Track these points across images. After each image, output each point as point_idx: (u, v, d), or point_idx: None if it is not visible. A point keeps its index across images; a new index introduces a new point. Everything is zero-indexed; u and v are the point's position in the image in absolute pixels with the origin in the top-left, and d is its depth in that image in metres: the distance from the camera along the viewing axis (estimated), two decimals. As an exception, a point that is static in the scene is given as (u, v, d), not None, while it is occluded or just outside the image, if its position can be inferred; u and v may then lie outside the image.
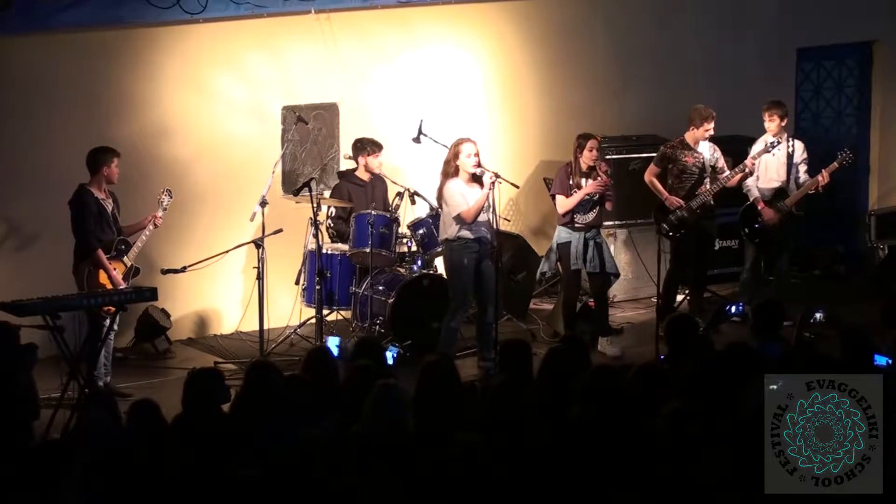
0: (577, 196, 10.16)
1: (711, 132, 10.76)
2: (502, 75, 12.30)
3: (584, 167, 10.23)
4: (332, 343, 9.87)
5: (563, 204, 10.22)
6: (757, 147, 11.01)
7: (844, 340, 7.51)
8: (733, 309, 8.52)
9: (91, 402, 6.82)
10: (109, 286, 9.29)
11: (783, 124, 10.90)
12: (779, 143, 10.80)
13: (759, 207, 10.96)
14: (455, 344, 10.03)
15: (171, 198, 9.78)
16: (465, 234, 9.81)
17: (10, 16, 9.94)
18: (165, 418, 6.57)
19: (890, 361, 6.98)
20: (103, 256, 9.35)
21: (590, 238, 10.30)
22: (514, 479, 5.79)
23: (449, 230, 9.85)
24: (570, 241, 10.28)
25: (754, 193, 10.98)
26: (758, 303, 8.63)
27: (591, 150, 10.22)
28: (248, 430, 6.46)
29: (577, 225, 10.26)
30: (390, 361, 8.73)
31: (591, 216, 10.29)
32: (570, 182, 10.22)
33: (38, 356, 8.19)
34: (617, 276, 10.67)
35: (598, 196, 10.23)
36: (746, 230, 11.11)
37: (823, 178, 10.81)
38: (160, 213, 9.65)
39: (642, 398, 6.42)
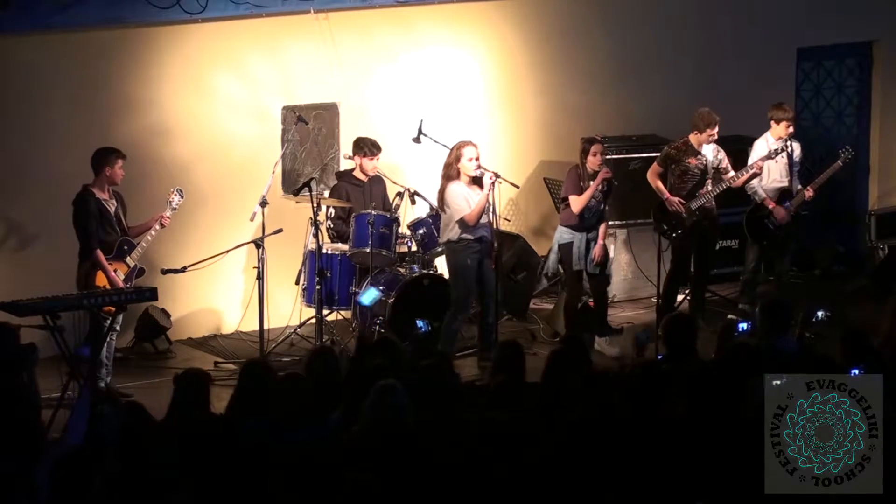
0: (588, 191, 10.17)
1: (715, 137, 10.74)
2: (502, 75, 12.30)
3: (590, 171, 10.25)
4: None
5: (577, 202, 10.21)
6: (758, 146, 11.00)
7: (844, 342, 7.52)
8: (742, 327, 8.52)
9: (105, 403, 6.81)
10: (108, 287, 9.28)
11: (790, 131, 10.91)
12: (782, 150, 10.81)
13: (771, 207, 10.94)
14: (455, 344, 10.05)
15: (182, 198, 9.74)
16: (467, 235, 9.89)
17: (10, 16, 9.94)
18: (154, 419, 6.57)
19: (861, 371, 6.94)
20: (102, 258, 9.35)
21: (591, 239, 10.32)
22: (515, 478, 5.80)
23: (451, 232, 9.92)
24: (572, 242, 10.29)
25: (761, 195, 10.97)
26: (765, 302, 8.61)
27: (594, 155, 10.24)
28: (241, 430, 6.45)
29: (584, 225, 10.27)
30: (423, 330, 9.76)
31: (596, 219, 10.33)
32: (581, 185, 10.24)
33: (39, 356, 8.18)
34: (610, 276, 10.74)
35: (605, 195, 10.27)
36: (753, 231, 11.09)
37: (809, 193, 10.92)
38: (168, 213, 9.63)
39: (640, 397, 6.43)
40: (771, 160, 10.83)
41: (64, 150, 10.31)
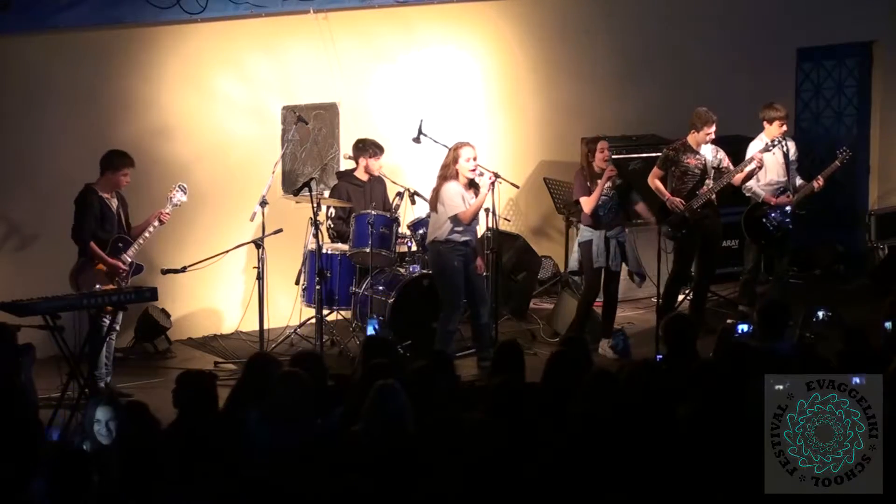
0: (596, 191, 10.18)
1: (713, 136, 10.74)
2: (502, 75, 12.30)
3: (597, 170, 10.25)
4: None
5: (588, 203, 10.23)
6: (753, 147, 11.00)
7: (846, 341, 7.51)
8: (741, 329, 8.51)
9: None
10: (106, 284, 9.28)
11: (783, 129, 10.91)
12: (779, 142, 10.81)
13: (773, 202, 10.93)
14: (452, 345, 10.03)
15: (185, 194, 9.73)
16: (455, 236, 9.87)
17: (10, 16, 9.94)
18: (157, 418, 6.56)
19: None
20: (95, 247, 9.34)
21: (611, 236, 10.32)
22: (514, 479, 5.80)
23: (439, 231, 9.89)
24: (591, 240, 10.31)
25: (760, 194, 10.96)
26: (762, 305, 8.62)
27: (601, 152, 10.25)
28: (245, 427, 6.44)
29: (602, 223, 10.29)
30: (371, 331, 9.56)
31: (612, 216, 10.33)
32: (588, 185, 10.25)
33: (38, 356, 8.18)
34: (643, 276, 10.64)
35: (617, 195, 10.28)
36: (751, 231, 11.08)
37: (819, 183, 10.92)
38: (167, 209, 9.62)
39: (639, 397, 6.43)
40: (768, 153, 10.82)
41: (64, 150, 10.32)
